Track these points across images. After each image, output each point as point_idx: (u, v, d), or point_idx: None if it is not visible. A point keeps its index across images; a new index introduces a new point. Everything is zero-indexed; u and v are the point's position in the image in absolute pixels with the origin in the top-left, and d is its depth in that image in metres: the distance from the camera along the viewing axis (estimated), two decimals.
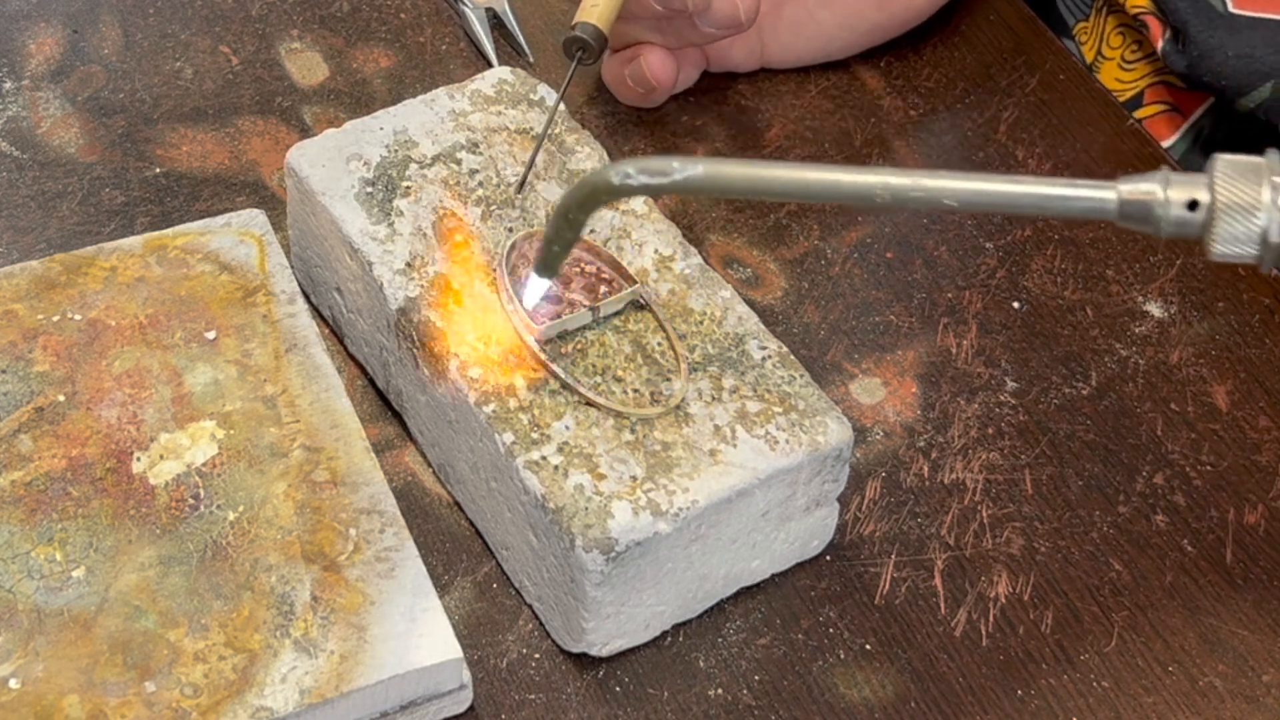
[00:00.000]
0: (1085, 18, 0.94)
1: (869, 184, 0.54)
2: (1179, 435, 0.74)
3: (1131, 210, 0.53)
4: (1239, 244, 0.52)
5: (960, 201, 0.54)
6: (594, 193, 0.56)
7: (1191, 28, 0.85)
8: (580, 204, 0.56)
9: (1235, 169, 0.53)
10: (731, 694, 0.66)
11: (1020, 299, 0.79)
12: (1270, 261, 0.53)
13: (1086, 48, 0.93)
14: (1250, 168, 0.53)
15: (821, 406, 0.67)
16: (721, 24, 0.79)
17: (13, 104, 0.82)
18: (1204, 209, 0.53)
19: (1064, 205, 0.54)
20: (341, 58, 0.86)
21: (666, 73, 0.81)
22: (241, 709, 0.60)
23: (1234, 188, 0.52)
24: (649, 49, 0.81)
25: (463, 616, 0.67)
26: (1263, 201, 0.52)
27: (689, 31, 0.79)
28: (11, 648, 0.61)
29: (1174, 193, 0.53)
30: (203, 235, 0.73)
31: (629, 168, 0.54)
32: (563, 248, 0.59)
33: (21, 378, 0.68)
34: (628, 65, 0.81)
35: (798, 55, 0.86)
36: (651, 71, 0.81)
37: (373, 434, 0.71)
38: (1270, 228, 0.52)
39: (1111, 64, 0.92)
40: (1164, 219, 0.53)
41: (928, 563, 0.70)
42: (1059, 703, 0.66)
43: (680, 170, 0.54)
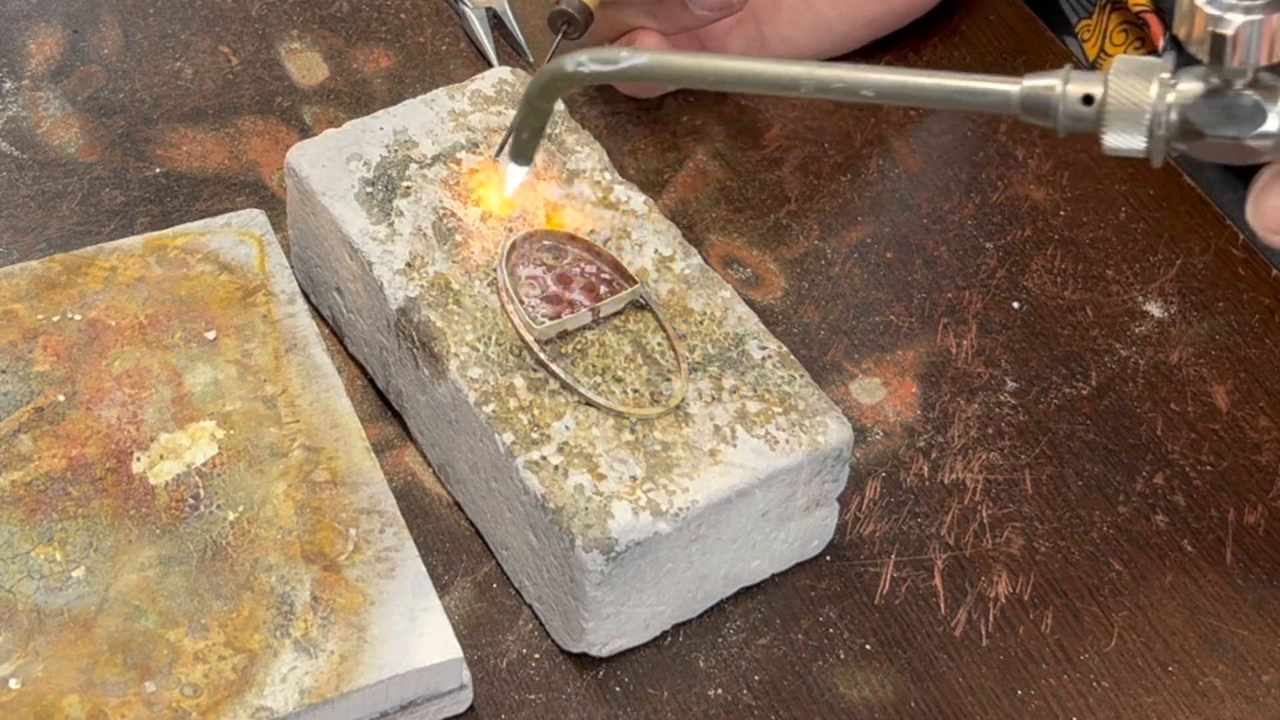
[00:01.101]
0: (1088, 15, 0.94)
1: (795, 75, 0.58)
2: (1179, 435, 0.74)
3: (1032, 103, 0.56)
4: (1127, 136, 0.55)
5: (876, 92, 0.57)
6: (553, 79, 0.60)
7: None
8: (541, 91, 0.61)
9: (1129, 67, 0.56)
10: (731, 694, 0.66)
11: (1020, 299, 0.79)
12: (1158, 155, 0.56)
13: (1089, 45, 0.93)
14: (1144, 66, 0.56)
15: (821, 406, 0.67)
16: (713, 5, 0.79)
17: (13, 104, 0.82)
18: (1098, 103, 0.56)
19: (971, 98, 0.57)
20: (341, 58, 0.86)
21: None
22: (241, 709, 0.60)
23: (1125, 84, 0.55)
24: (643, 34, 0.80)
25: (463, 616, 0.67)
26: (1151, 97, 0.55)
27: (682, 14, 0.79)
28: (11, 648, 0.61)
29: (1071, 87, 0.56)
30: (203, 235, 0.73)
31: (582, 56, 0.59)
32: (531, 134, 0.63)
33: (21, 378, 0.68)
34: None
35: (797, 48, 0.86)
36: None
37: (373, 434, 0.71)
38: (1156, 122, 0.55)
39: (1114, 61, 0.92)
40: (1061, 112, 0.56)
41: (928, 563, 0.70)
42: (1059, 703, 0.66)
43: (628, 58, 0.59)
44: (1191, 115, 0.55)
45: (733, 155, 0.83)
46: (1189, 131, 0.55)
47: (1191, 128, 0.55)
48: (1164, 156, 0.56)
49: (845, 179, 0.83)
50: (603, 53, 0.59)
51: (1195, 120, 0.55)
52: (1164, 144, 0.55)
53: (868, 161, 0.84)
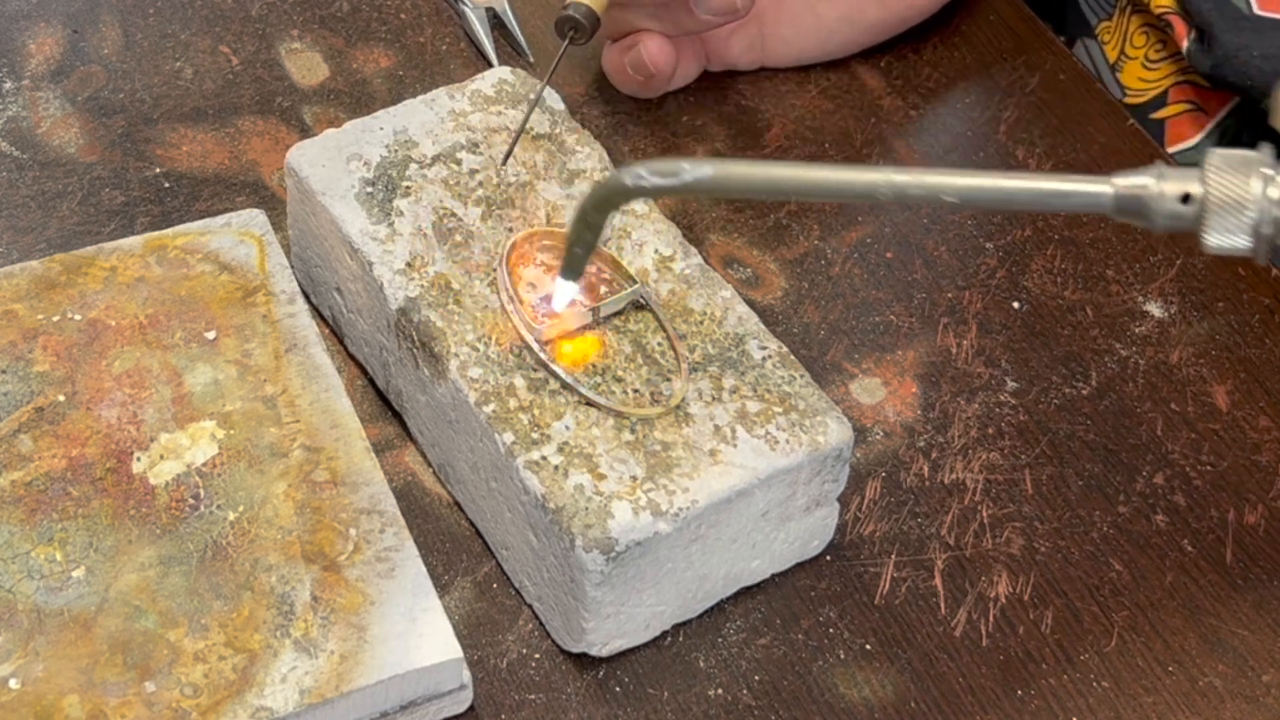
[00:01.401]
0: (1108, 17, 0.94)
1: (873, 182, 0.55)
2: (1179, 435, 0.74)
3: (1126, 204, 0.54)
4: (1231, 235, 0.54)
5: (960, 197, 0.55)
6: (609, 195, 0.58)
7: (1217, 29, 0.85)
8: (596, 206, 0.59)
9: (1227, 162, 0.54)
10: (731, 694, 0.66)
11: (1020, 299, 0.79)
12: (1263, 253, 0.54)
13: (1109, 47, 0.93)
14: (1242, 161, 0.54)
15: (821, 406, 0.67)
16: (718, 10, 0.79)
17: (13, 104, 0.82)
18: (1197, 202, 0.54)
19: (1061, 201, 0.55)
20: (341, 58, 0.86)
21: (666, 59, 0.81)
22: (241, 709, 0.60)
23: (1225, 180, 0.54)
24: (648, 36, 0.81)
25: (463, 616, 0.67)
26: (1253, 194, 0.53)
27: (686, 18, 0.79)
28: (11, 648, 0.61)
29: (1168, 186, 0.54)
30: (203, 235, 0.73)
31: (641, 170, 0.57)
32: (584, 250, 0.61)
33: (21, 378, 0.68)
34: (627, 53, 0.81)
35: (798, 51, 0.86)
36: (650, 58, 0.81)
37: (373, 434, 0.71)
38: (1261, 220, 0.53)
39: (1135, 63, 0.92)
40: (1158, 212, 0.54)
41: (928, 563, 0.70)
42: (1059, 703, 0.66)
43: (690, 171, 0.56)
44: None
45: (733, 155, 0.83)
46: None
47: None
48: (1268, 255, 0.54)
49: None
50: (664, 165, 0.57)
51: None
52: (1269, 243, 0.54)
53: (868, 161, 0.84)
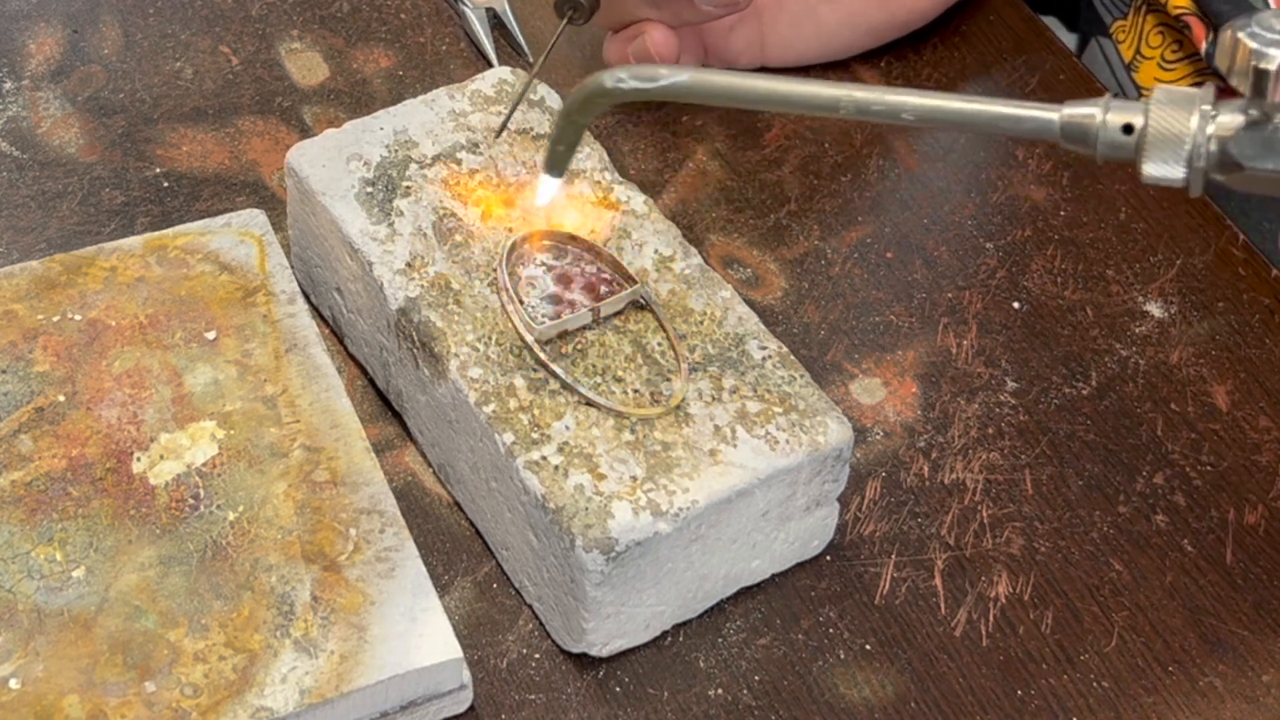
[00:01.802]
0: (1123, 16, 0.93)
1: (835, 96, 0.58)
2: (1179, 435, 0.74)
3: (1071, 131, 0.57)
4: (1167, 166, 0.56)
5: (917, 115, 0.58)
6: (591, 95, 0.62)
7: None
8: (580, 107, 0.62)
9: (1169, 97, 0.56)
10: (731, 694, 0.66)
11: (1020, 299, 0.79)
12: (1196, 185, 0.56)
13: (1125, 46, 0.93)
14: (1184, 97, 0.56)
15: (821, 406, 0.67)
16: (718, 1, 0.79)
17: (13, 104, 0.82)
18: (1137, 133, 0.56)
19: (1012, 124, 0.58)
20: (341, 58, 0.86)
21: (669, 49, 0.80)
22: (241, 709, 0.60)
23: (1166, 114, 0.56)
24: (651, 25, 0.80)
25: (463, 616, 0.67)
26: (1191, 128, 0.55)
27: (686, 10, 0.79)
28: (11, 648, 0.61)
29: (1112, 116, 0.56)
30: (203, 235, 0.73)
31: (621, 73, 0.60)
32: (568, 147, 0.64)
33: (21, 378, 0.68)
34: (630, 43, 0.81)
35: (798, 53, 0.86)
36: (655, 47, 0.80)
37: (373, 434, 0.71)
38: (1195, 153, 0.55)
39: (1151, 63, 0.91)
40: (1101, 140, 0.57)
41: (928, 563, 0.70)
42: (1059, 703, 0.66)
43: (667, 76, 0.60)
44: (1231, 148, 0.55)
45: (733, 155, 0.83)
46: (1228, 163, 0.55)
47: (1231, 160, 0.55)
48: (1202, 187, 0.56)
49: (845, 179, 0.83)
50: (642, 70, 0.60)
51: (1235, 153, 0.55)
52: (1202, 175, 0.56)
53: (868, 161, 0.84)
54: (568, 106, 0.63)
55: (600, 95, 0.61)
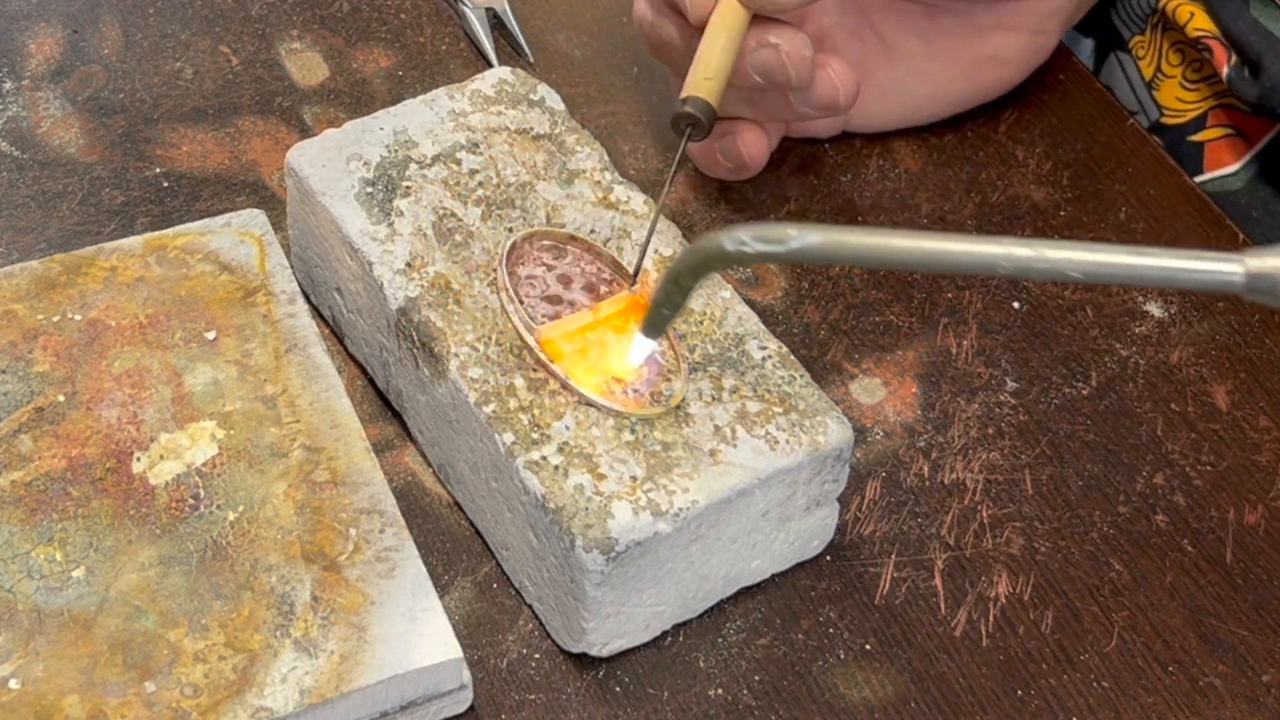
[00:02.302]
0: (1141, 32, 0.92)
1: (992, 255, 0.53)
2: (1179, 435, 0.74)
3: (1260, 284, 0.53)
4: None
5: (1085, 274, 0.53)
6: (707, 260, 0.56)
7: (1265, 59, 0.83)
8: (691, 270, 0.57)
9: None
10: (731, 694, 0.66)
11: (1020, 299, 0.79)
12: None
13: (1145, 63, 0.91)
14: None
15: (821, 406, 0.67)
16: (819, 105, 0.75)
17: (13, 104, 0.82)
18: None
19: (1190, 280, 0.53)
20: (341, 58, 0.86)
21: (760, 151, 0.77)
22: (241, 709, 0.60)
23: None
24: (744, 126, 0.77)
25: (463, 616, 0.67)
26: None
27: (782, 108, 0.76)
28: (11, 648, 0.61)
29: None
30: (203, 235, 0.73)
31: (744, 234, 0.54)
32: (671, 311, 0.59)
33: (21, 378, 0.68)
34: (719, 140, 0.77)
35: (881, 122, 0.83)
36: (747, 150, 0.77)
37: (373, 434, 0.71)
38: None
39: (1172, 82, 0.90)
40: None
41: (928, 563, 0.70)
42: (1059, 703, 0.66)
43: (797, 238, 0.54)
44: None
45: None
46: None
47: None
48: None
49: (845, 179, 0.83)
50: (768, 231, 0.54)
51: None
52: None
53: (868, 161, 0.84)
54: (677, 269, 0.57)
55: (719, 260, 0.56)
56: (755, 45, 0.73)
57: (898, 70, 0.82)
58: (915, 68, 0.82)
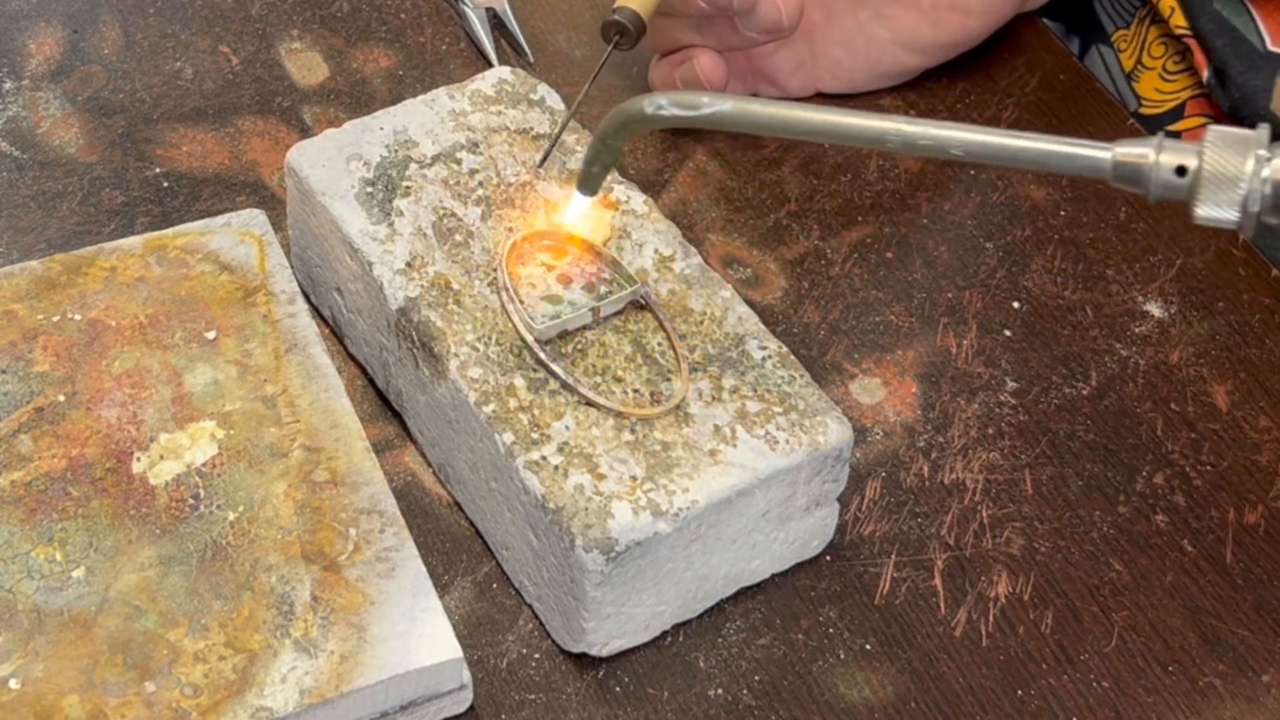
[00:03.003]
0: (1125, 26, 0.93)
1: (882, 129, 0.58)
2: (1179, 435, 0.74)
3: (1124, 171, 0.57)
4: (1221, 209, 0.56)
5: (966, 150, 0.57)
6: (629, 120, 0.61)
7: (1232, 69, 0.84)
8: (616, 130, 0.62)
9: (1224, 139, 0.56)
10: (731, 694, 0.66)
11: (1020, 299, 0.79)
12: (1249, 228, 0.56)
13: (1125, 55, 0.92)
14: (1239, 139, 0.56)
15: (821, 406, 0.67)
16: (764, 28, 0.78)
17: (13, 104, 0.82)
18: (1191, 174, 0.56)
19: (1062, 162, 0.57)
20: (341, 58, 0.86)
21: (718, 74, 0.80)
22: (241, 709, 0.60)
23: (1221, 157, 0.55)
24: (701, 51, 0.79)
25: (463, 616, 0.67)
26: (1246, 171, 0.55)
27: (730, 35, 0.78)
28: (11, 648, 0.61)
29: (1165, 157, 0.56)
30: (203, 235, 0.73)
31: (661, 99, 0.60)
32: (601, 168, 0.64)
33: (21, 378, 0.68)
34: (678, 68, 0.80)
35: (849, 74, 0.85)
36: (704, 72, 0.79)
37: (373, 434, 0.71)
38: (1250, 197, 0.55)
39: (1152, 74, 0.91)
40: (1154, 181, 0.56)
41: (928, 563, 0.70)
42: (1059, 703, 0.67)
43: (709, 105, 0.59)
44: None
45: (733, 155, 0.83)
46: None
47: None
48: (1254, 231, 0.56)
49: (845, 179, 0.83)
50: (684, 97, 0.59)
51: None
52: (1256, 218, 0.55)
53: (868, 161, 0.84)
54: (604, 129, 0.62)
55: (639, 120, 0.61)
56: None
57: (861, 15, 0.84)
58: (878, 11, 0.83)
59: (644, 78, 0.85)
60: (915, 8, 0.83)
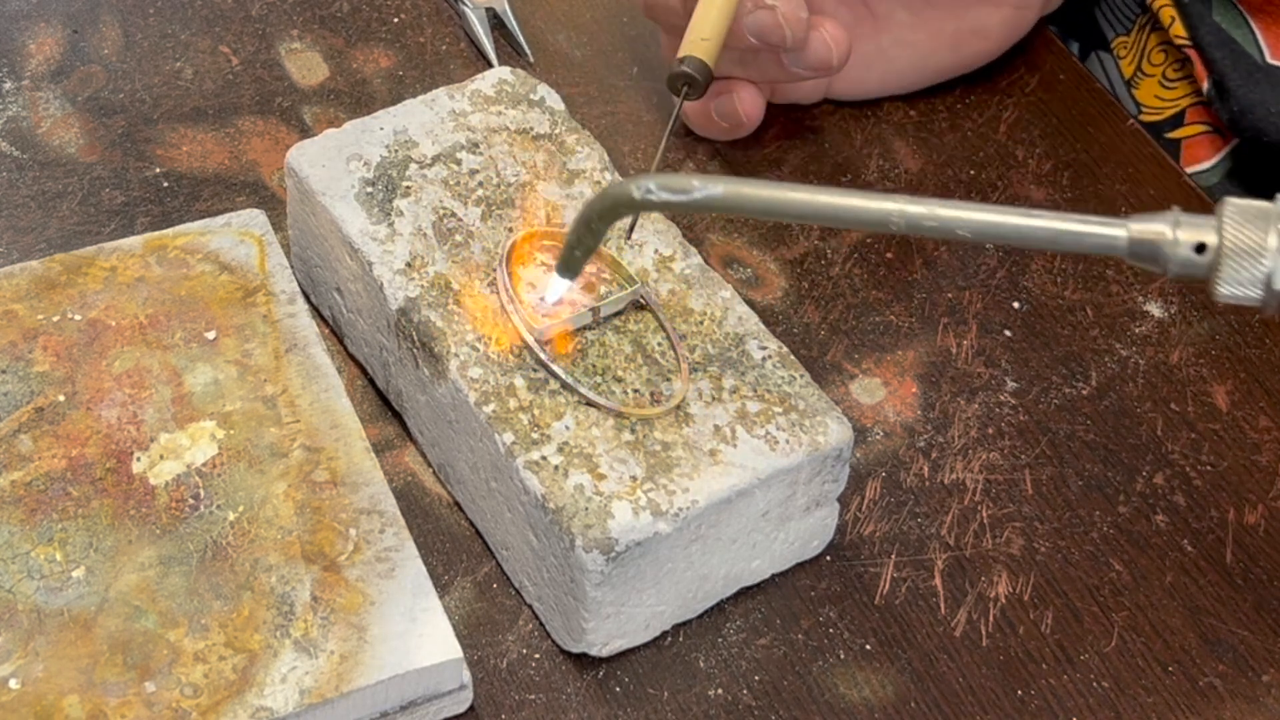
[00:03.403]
0: (1125, 33, 0.93)
1: (886, 211, 0.55)
2: (1179, 435, 0.74)
3: (1140, 249, 0.54)
4: (1243, 287, 0.54)
5: (973, 232, 0.55)
6: (615, 205, 0.59)
7: (1231, 81, 0.84)
8: (601, 214, 0.60)
9: (1244, 214, 0.54)
10: (731, 694, 0.66)
11: (1020, 299, 0.79)
12: (1274, 306, 0.54)
13: (1125, 63, 0.92)
14: (1259, 213, 0.54)
15: (821, 406, 0.67)
16: (812, 65, 0.77)
17: (13, 104, 0.82)
18: (1211, 251, 0.54)
19: (1075, 241, 0.55)
20: (341, 58, 0.86)
21: (757, 110, 0.79)
22: (241, 709, 0.60)
23: (1241, 232, 0.53)
24: (740, 85, 0.79)
25: (463, 616, 0.67)
26: (1269, 247, 0.53)
27: (775, 69, 0.78)
28: (11, 648, 0.61)
29: (1183, 234, 0.54)
30: (203, 235, 0.73)
31: (650, 183, 0.57)
32: (584, 253, 0.62)
33: (21, 378, 0.68)
34: (714, 99, 0.79)
35: (864, 90, 0.85)
36: (744, 109, 0.79)
37: (373, 434, 0.71)
38: (1275, 273, 0.53)
39: (1152, 80, 0.91)
40: (1172, 259, 0.54)
41: (928, 563, 0.70)
42: (1059, 703, 0.66)
43: (700, 189, 0.56)
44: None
45: (733, 155, 0.83)
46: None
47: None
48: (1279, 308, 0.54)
49: (845, 179, 0.83)
50: (673, 181, 0.57)
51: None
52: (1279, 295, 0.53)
53: (868, 161, 0.84)
54: (588, 213, 0.60)
55: (626, 206, 0.58)
56: (752, 6, 0.74)
57: (883, 40, 0.83)
58: (900, 38, 0.83)
59: (643, 77, 0.85)
60: (938, 35, 0.83)
